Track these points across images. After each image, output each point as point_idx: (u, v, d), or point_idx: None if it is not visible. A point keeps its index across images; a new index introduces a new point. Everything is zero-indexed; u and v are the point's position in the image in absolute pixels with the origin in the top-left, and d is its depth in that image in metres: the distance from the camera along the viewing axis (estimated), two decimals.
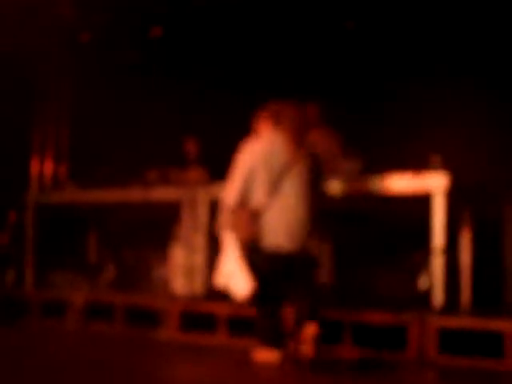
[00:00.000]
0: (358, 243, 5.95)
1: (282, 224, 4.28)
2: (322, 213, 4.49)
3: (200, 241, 5.76)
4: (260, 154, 4.33)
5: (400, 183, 5.03)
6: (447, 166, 4.94)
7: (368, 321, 4.62)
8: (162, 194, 6.07)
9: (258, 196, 4.29)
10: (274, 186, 4.28)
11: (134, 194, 6.18)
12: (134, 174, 6.61)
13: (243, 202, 4.31)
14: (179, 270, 5.90)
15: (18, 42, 6.38)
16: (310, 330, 4.03)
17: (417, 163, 5.10)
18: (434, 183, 4.82)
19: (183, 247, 5.87)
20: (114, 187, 6.46)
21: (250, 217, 4.27)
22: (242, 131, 6.28)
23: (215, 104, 7.22)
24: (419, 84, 6.31)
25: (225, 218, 4.35)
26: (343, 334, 4.64)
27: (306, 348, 4.05)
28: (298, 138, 4.42)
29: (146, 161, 6.85)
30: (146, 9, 7.69)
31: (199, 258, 5.77)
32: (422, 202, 4.87)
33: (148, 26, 8.04)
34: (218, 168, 6.03)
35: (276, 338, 4.28)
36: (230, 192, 4.38)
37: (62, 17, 7.41)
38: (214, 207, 5.67)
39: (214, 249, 5.76)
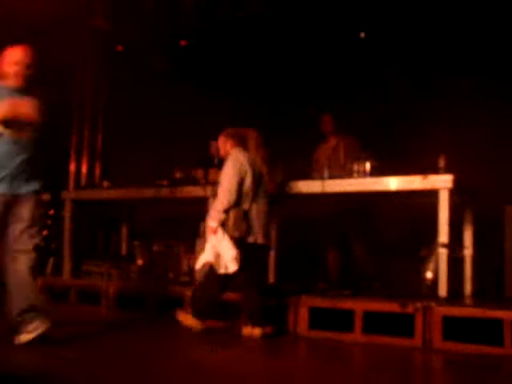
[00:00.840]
0: (372, 239, 6.05)
1: (260, 223, 4.85)
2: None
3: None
4: (247, 163, 4.83)
5: (410, 183, 5.04)
6: (452, 167, 4.96)
7: (378, 309, 4.62)
8: (189, 192, 6.06)
9: (247, 199, 4.82)
10: (255, 192, 4.85)
11: (163, 192, 6.20)
12: (162, 173, 6.64)
13: (236, 203, 4.78)
14: None
15: (59, 54, 6.42)
16: None
17: (425, 165, 5.13)
18: (440, 184, 4.83)
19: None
20: (144, 185, 6.50)
21: (240, 216, 4.75)
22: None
23: (236, 111, 7.24)
24: (428, 93, 6.31)
25: (220, 216, 4.73)
26: (355, 322, 4.64)
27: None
28: (263, 155, 4.99)
29: (173, 162, 6.87)
30: (173, 22, 7.77)
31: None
32: (429, 201, 4.91)
33: (176, 37, 8.10)
34: None
35: (263, 316, 4.75)
36: (226, 194, 4.77)
37: (99, 29, 7.45)
38: None
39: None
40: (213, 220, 4.77)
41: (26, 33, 6.04)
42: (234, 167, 4.82)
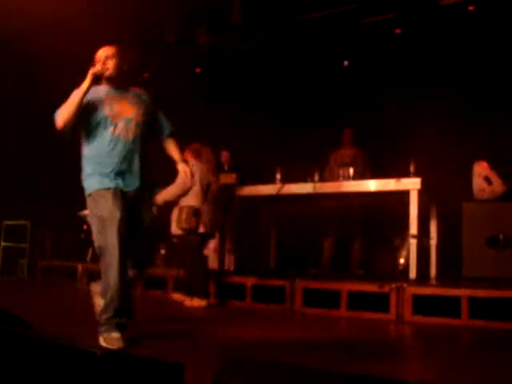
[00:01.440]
0: (354, 230, 6.10)
1: (207, 218, 5.29)
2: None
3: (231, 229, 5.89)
4: (201, 170, 5.29)
5: (386, 185, 5.14)
6: (421, 171, 5.05)
7: (360, 290, 4.67)
8: None
9: (198, 200, 5.26)
10: (205, 195, 5.31)
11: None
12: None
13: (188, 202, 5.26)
14: (215, 251, 6.00)
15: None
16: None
17: (399, 168, 5.22)
18: (411, 185, 4.93)
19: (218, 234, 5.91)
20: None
21: (191, 212, 5.20)
22: (262, 146, 6.43)
23: (244, 124, 7.31)
24: (401, 111, 6.37)
25: (166, 198, 5.31)
26: (341, 300, 4.70)
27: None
28: (212, 167, 5.48)
29: None
30: (189, 53, 7.85)
31: (230, 242, 5.91)
32: (402, 199, 5.00)
33: (192, 65, 8.18)
34: (245, 174, 6.22)
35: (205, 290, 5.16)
36: (173, 192, 5.29)
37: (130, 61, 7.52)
38: (245, 203, 5.83)
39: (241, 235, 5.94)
40: (161, 196, 5.31)
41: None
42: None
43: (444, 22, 6.27)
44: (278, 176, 5.70)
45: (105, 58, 3.24)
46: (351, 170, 5.44)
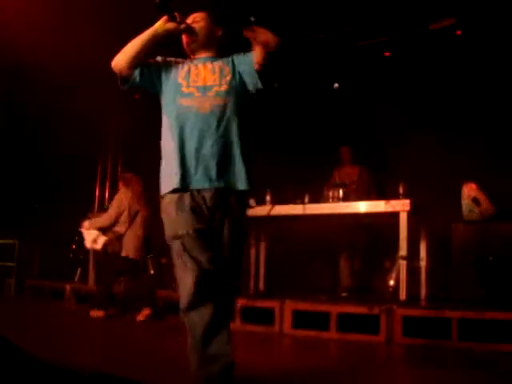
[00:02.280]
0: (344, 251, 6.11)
1: (133, 244, 5.74)
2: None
3: None
4: (130, 198, 5.78)
5: (376, 207, 5.16)
6: (410, 193, 5.09)
7: (350, 311, 4.64)
8: None
9: (124, 226, 5.74)
10: (131, 221, 5.74)
11: None
12: None
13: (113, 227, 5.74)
14: None
15: (90, 100, 6.56)
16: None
17: (389, 190, 5.25)
18: (400, 207, 4.95)
19: None
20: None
21: (114, 238, 5.71)
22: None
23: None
24: (392, 135, 6.44)
25: (94, 226, 5.77)
26: (330, 322, 4.66)
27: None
28: (140, 196, 5.88)
29: None
30: None
31: None
32: (392, 221, 5.01)
33: None
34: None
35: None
36: (107, 219, 5.79)
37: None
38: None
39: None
40: (88, 224, 5.79)
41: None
42: (116, 202, 5.85)
43: (433, 46, 6.37)
44: (268, 197, 5.71)
45: (192, 18, 2.73)
46: (341, 192, 5.47)
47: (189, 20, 2.71)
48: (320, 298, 5.23)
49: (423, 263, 5.31)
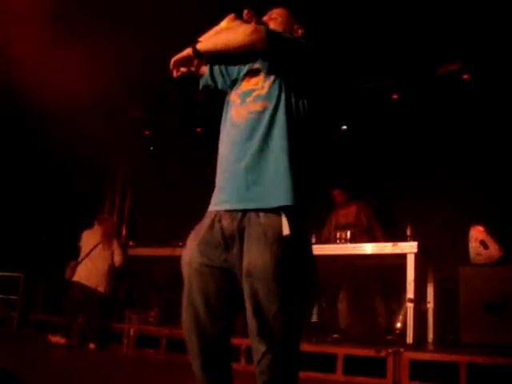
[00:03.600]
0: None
1: (85, 270, 6.27)
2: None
3: None
4: (94, 234, 6.47)
5: (383, 249, 5.16)
6: (417, 235, 5.09)
7: (356, 354, 4.59)
8: None
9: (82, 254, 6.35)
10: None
11: (177, 251, 6.14)
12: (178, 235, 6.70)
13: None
14: None
15: (100, 136, 6.65)
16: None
17: (396, 231, 5.25)
18: (407, 249, 4.94)
19: None
20: (163, 245, 6.55)
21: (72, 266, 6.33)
22: None
23: None
24: (399, 177, 6.48)
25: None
26: (337, 364, 4.60)
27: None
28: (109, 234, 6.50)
29: (188, 225, 6.91)
30: (190, 111, 7.99)
31: None
32: (398, 263, 5.00)
33: (192, 123, 8.30)
34: None
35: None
36: None
37: (133, 118, 7.66)
38: None
39: None
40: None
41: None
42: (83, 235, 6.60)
43: (440, 90, 6.47)
44: None
45: (268, 15, 2.32)
46: (348, 233, 5.48)
47: (265, 17, 2.30)
48: (326, 340, 5.18)
49: (430, 305, 5.27)
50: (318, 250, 5.43)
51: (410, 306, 4.79)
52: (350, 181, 6.80)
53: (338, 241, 5.54)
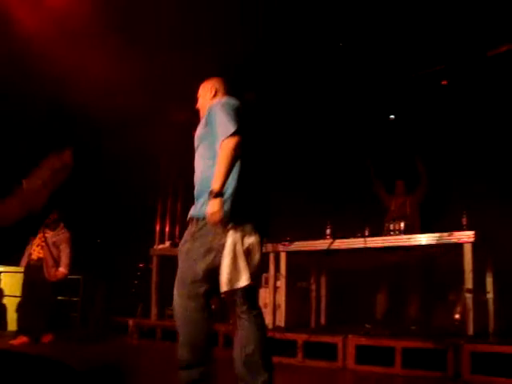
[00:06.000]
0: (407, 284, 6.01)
1: None
2: None
3: (281, 284, 5.83)
4: None
5: (438, 239, 5.07)
6: (474, 223, 4.98)
7: (415, 346, 4.56)
8: None
9: None
10: None
11: None
12: None
13: None
14: (266, 307, 5.87)
15: (148, 141, 6.81)
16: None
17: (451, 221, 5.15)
18: (464, 238, 4.84)
19: (269, 289, 5.91)
20: None
21: None
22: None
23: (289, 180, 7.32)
24: (450, 158, 6.34)
25: None
26: (395, 357, 4.58)
27: None
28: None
29: None
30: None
31: (280, 298, 5.81)
32: (456, 253, 4.91)
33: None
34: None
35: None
36: None
37: (177, 122, 7.77)
38: (291, 259, 5.81)
39: (292, 290, 5.92)
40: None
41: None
42: None
43: (491, 72, 6.29)
44: (328, 231, 5.72)
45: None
46: (402, 224, 5.41)
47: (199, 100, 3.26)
48: (384, 333, 5.16)
49: (490, 296, 5.15)
50: (373, 242, 5.39)
51: (468, 296, 4.69)
52: (402, 171, 6.72)
53: (391, 232, 5.47)
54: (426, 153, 6.48)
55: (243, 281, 2.68)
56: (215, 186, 2.68)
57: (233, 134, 2.74)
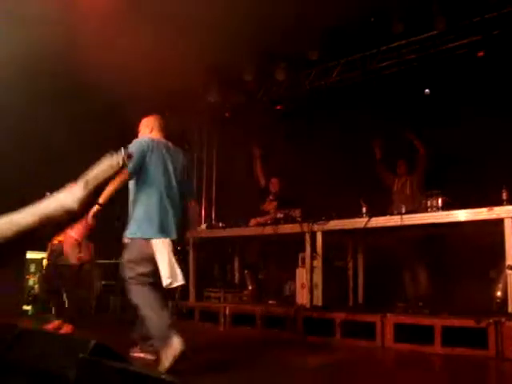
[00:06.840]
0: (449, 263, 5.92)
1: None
2: None
3: (318, 264, 5.81)
4: None
5: (477, 215, 4.93)
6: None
7: (455, 325, 4.52)
8: (289, 228, 6.08)
9: None
10: None
11: (267, 230, 6.26)
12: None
13: None
14: (303, 287, 5.93)
15: (183, 121, 6.82)
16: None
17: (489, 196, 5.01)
18: (505, 214, 4.71)
19: (306, 269, 5.88)
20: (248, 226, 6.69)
21: None
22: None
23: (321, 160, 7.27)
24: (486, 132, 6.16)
25: None
26: (435, 336, 4.55)
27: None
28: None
29: None
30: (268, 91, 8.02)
31: (317, 277, 5.82)
32: (496, 229, 4.78)
33: (271, 103, 8.31)
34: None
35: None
36: None
37: (212, 101, 7.77)
38: (327, 238, 5.78)
39: (329, 270, 5.89)
40: None
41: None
42: None
43: None
44: (364, 209, 5.66)
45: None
46: (440, 200, 5.30)
47: None
48: (423, 311, 5.11)
49: None
50: (410, 220, 5.29)
51: (510, 273, 4.57)
52: (439, 146, 6.57)
53: (429, 209, 5.36)
54: (459, 127, 6.32)
55: None
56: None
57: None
